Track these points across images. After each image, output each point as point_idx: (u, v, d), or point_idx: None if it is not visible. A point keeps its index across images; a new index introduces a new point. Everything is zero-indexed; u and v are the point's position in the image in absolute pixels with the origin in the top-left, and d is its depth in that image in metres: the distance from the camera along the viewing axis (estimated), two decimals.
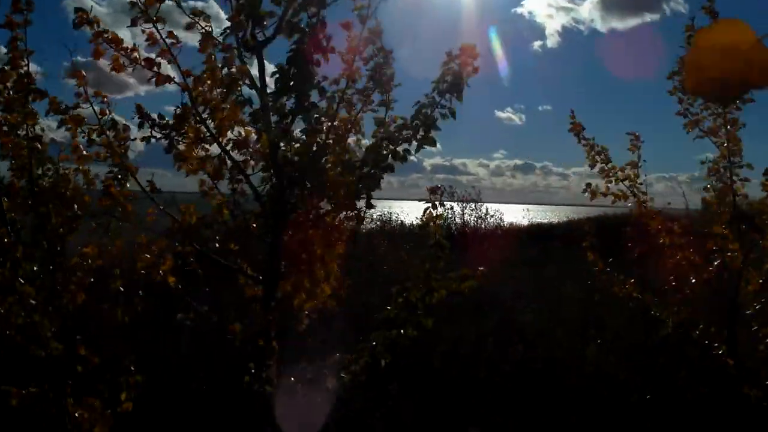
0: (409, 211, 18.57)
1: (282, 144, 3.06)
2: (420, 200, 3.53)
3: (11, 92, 2.99)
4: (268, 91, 3.04)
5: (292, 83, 2.94)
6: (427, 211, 3.32)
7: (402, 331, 3.28)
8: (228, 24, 2.95)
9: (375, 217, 16.78)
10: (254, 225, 3.38)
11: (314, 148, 3.07)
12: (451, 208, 16.56)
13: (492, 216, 17.40)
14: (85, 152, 3.13)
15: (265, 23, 2.91)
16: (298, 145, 3.11)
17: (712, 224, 4.07)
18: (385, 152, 3.01)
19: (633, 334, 5.65)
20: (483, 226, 16.86)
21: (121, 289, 3.21)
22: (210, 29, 2.98)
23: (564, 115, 4.63)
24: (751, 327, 3.80)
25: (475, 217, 16.80)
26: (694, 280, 4.01)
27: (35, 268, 2.92)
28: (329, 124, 3.08)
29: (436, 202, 3.31)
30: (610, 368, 5.17)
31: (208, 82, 3.01)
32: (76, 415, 2.88)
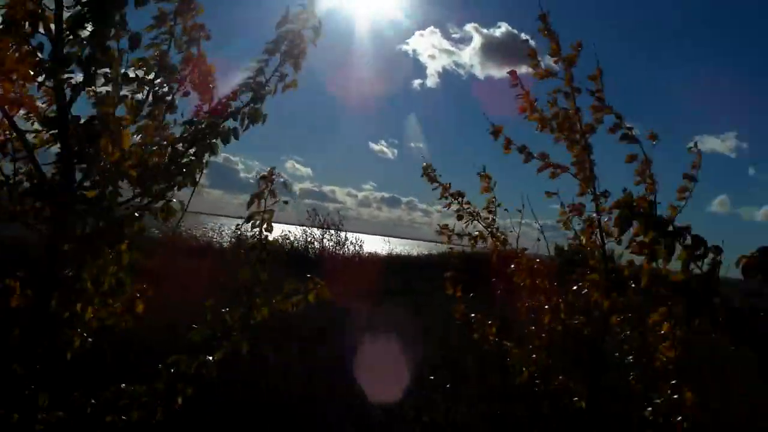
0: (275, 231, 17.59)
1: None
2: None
3: None
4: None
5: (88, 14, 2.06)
6: (254, 203, 2.60)
7: (211, 357, 2.55)
8: None
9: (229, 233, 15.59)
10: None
11: (111, 114, 2.20)
12: (311, 232, 15.87)
13: (352, 243, 16.96)
14: None
15: None
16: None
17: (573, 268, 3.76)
18: (206, 127, 2.24)
19: (489, 379, 5.25)
20: (342, 252, 16.34)
21: None
22: None
23: (435, 152, 4.26)
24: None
25: (334, 242, 16.23)
26: (556, 326, 3.64)
27: None
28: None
29: (266, 191, 2.61)
30: (460, 417, 4.70)
31: None
32: None
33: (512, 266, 3.93)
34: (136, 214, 2.31)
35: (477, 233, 4.12)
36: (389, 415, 4.77)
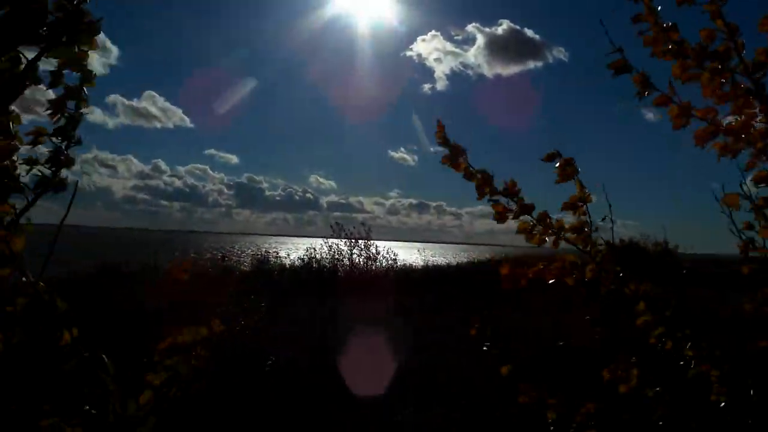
0: (297, 249, 16.38)
1: None
2: None
3: None
4: None
5: None
6: None
7: None
8: None
9: (250, 255, 14.41)
10: None
11: None
12: (337, 246, 14.57)
13: (384, 257, 15.54)
14: None
15: None
16: None
17: None
18: None
19: None
20: (373, 267, 14.96)
21: None
22: None
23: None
24: None
25: (365, 257, 14.87)
26: None
27: None
28: None
29: None
30: None
31: None
32: None
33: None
34: None
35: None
36: None
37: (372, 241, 15.37)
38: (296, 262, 14.75)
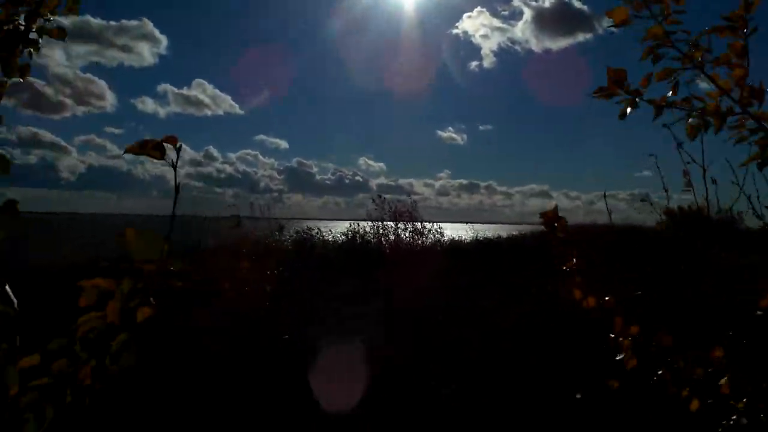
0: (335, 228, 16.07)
1: None
2: None
3: None
4: None
5: None
6: None
7: None
8: None
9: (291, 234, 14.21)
10: None
11: None
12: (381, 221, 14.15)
13: (431, 231, 15.01)
14: None
15: None
16: None
17: None
18: None
19: None
20: (420, 242, 14.47)
21: None
22: None
23: (505, 133, 2.37)
24: None
25: (410, 231, 14.39)
26: None
27: None
28: None
29: None
30: None
31: None
32: None
33: None
34: None
35: None
36: None
37: (417, 215, 14.86)
38: (340, 238, 14.46)
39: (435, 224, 15.29)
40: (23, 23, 1.54)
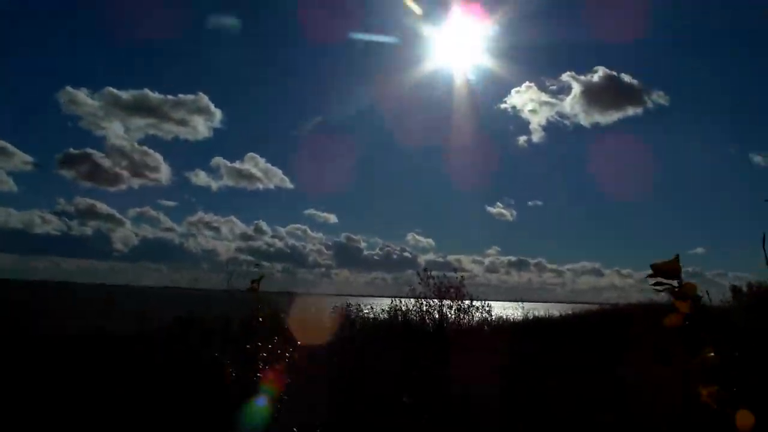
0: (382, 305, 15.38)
1: None
2: None
3: None
4: None
5: None
6: None
7: None
8: None
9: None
10: None
11: None
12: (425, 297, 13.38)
13: (478, 308, 14.12)
14: None
15: None
16: None
17: None
18: None
19: None
20: (466, 321, 13.59)
21: None
22: None
23: (555, 209, 1.89)
24: None
25: (455, 310, 13.55)
26: None
27: None
28: None
29: None
30: None
31: None
32: None
33: None
34: None
35: None
36: None
37: (465, 292, 14.04)
38: (381, 316, 13.72)
39: (483, 302, 14.41)
40: None
